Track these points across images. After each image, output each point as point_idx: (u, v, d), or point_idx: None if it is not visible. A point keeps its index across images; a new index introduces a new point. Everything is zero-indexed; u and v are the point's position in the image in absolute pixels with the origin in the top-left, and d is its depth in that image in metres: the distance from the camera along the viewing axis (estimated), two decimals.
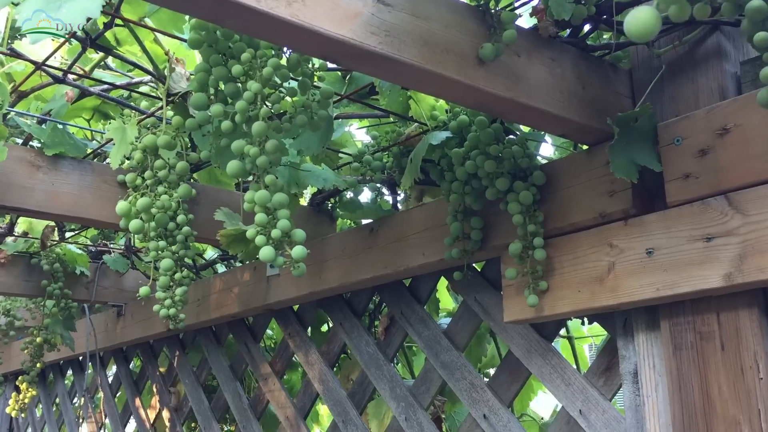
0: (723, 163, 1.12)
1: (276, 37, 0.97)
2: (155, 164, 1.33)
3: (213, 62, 1.16)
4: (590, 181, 1.31)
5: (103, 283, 2.78)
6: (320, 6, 0.95)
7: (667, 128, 1.21)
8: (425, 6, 1.07)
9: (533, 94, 1.17)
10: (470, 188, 1.44)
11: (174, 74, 1.43)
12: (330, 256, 1.89)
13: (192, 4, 0.87)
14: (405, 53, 1.02)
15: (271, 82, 1.13)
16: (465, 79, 1.09)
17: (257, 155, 1.10)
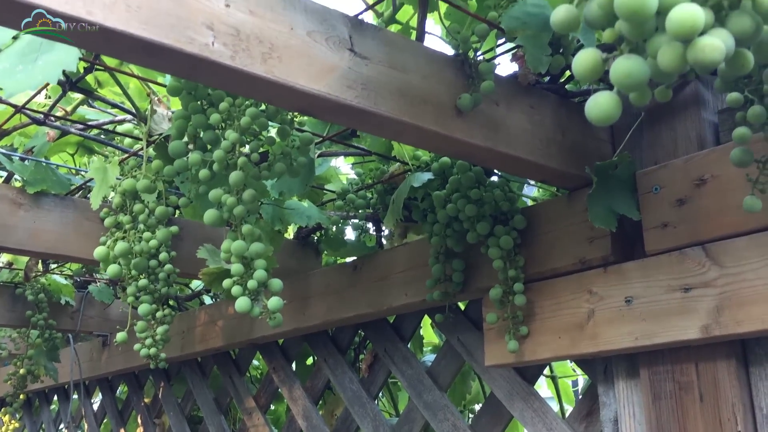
0: (701, 214, 1.13)
1: (252, 92, 0.97)
2: (134, 208, 1.32)
3: (192, 110, 1.16)
4: (570, 226, 1.31)
5: (88, 313, 2.76)
6: (296, 61, 0.95)
7: (646, 176, 1.21)
8: (403, 58, 1.07)
9: (512, 143, 1.18)
10: (451, 231, 1.44)
11: (156, 116, 1.43)
12: (314, 292, 1.88)
13: (166, 62, 0.87)
14: (382, 106, 1.03)
15: (249, 131, 1.13)
16: (443, 130, 1.09)
17: (234, 205, 1.10)
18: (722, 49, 0.48)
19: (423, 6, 1.11)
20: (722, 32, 0.50)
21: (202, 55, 0.86)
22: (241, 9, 0.92)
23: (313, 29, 0.98)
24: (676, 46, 0.49)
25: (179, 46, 0.84)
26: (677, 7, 0.48)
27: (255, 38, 0.92)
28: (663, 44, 0.50)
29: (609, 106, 0.53)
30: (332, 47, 1.00)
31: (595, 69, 0.55)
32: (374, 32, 1.05)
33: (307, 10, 0.99)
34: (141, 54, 0.85)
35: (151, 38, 0.83)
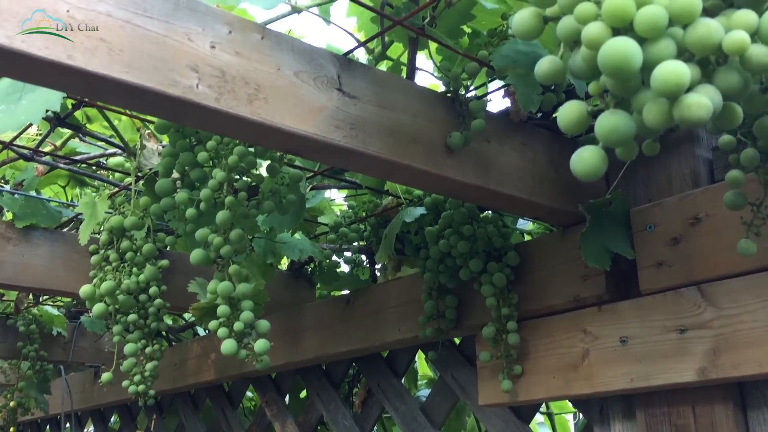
0: (695, 253, 1.11)
1: (237, 134, 0.96)
2: (121, 245, 1.31)
3: (179, 147, 1.15)
4: (564, 263, 1.29)
5: (80, 344, 2.73)
6: (283, 102, 0.94)
7: (640, 214, 1.20)
8: (392, 96, 1.06)
9: (504, 181, 1.16)
10: (444, 266, 1.41)
11: (145, 150, 1.42)
12: (307, 326, 1.86)
13: (150, 105, 0.86)
14: (371, 146, 1.01)
15: (237, 169, 1.11)
16: (433, 168, 1.07)
17: (221, 245, 1.08)
18: (709, 107, 0.47)
19: (413, 44, 1.10)
20: (709, 88, 0.48)
21: (185, 97, 0.85)
22: (227, 50, 0.91)
23: (300, 69, 0.97)
24: (662, 103, 0.48)
25: (162, 89, 0.83)
26: (662, 65, 0.47)
27: (241, 79, 0.91)
28: (648, 101, 0.49)
29: (594, 162, 0.52)
30: (320, 87, 0.98)
31: (580, 122, 0.54)
32: (363, 71, 1.04)
33: (295, 50, 0.98)
34: (124, 97, 0.84)
35: (134, 81, 0.81)
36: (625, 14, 0.48)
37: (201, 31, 0.89)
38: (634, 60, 0.47)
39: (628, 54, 0.47)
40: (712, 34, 0.47)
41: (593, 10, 0.50)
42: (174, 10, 0.87)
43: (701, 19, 0.48)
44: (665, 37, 0.48)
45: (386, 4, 1.04)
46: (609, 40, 0.48)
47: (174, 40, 0.86)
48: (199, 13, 0.90)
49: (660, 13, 0.47)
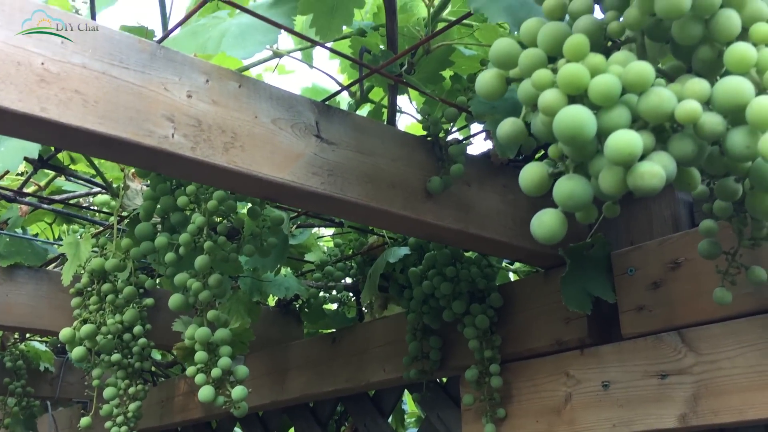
0: (676, 298, 1.11)
1: (213, 182, 0.96)
2: (102, 288, 1.30)
3: (160, 191, 1.15)
4: (547, 305, 1.29)
5: (68, 379, 2.70)
6: (259, 150, 0.94)
7: (621, 257, 1.19)
8: (371, 142, 1.06)
9: (484, 224, 1.16)
10: (428, 307, 1.41)
11: (129, 191, 1.42)
12: (293, 364, 1.85)
13: (124, 155, 0.86)
14: (348, 192, 1.01)
15: (218, 213, 1.11)
16: (412, 213, 1.08)
17: (200, 290, 1.08)
18: (662, 176, 0.47)
19: (392, 89, 1.11)
20: (663, 156, 0.48)
21: (160, 147, 0.85)
22: (204, 99, 0.91)
23: (278, 116, 0.98)
24: (617, 171, 0.48)
25: (137, 139, 0.84)
26: (615, 135, 0.47)
27: (217, 128, 0.91)
28: (604, 168, 0.49)
29: (553, 226, 0.52)
30: (298, 134, 0.99)
31: (540, 186, 0.54)
32: (342, 117, 1.05)
33: (273, 97, 0.98)
34: (98, 148, 0.84)
35: (108, 132, 0.82)
36: (580, 82, 0.49)
37: (178, 80, 0.89)
38: (588, 129, 0.48)
39: (581, 123, 0.47)
40: (664, 104, 0.48)
41: (549, 77, 0.51)
42: (150, 60, 0.88)
43: (654, 88, 0.48)
44: (619, 105, 0.49)
45: (365, 51, 1.05)
46: (563, 108, 0.49)
47: (150, 90, 0.87)
48: (176, 62, 0.90)
49: (613, 83, 0.48)
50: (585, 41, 0.50)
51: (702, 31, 0.50)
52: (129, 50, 0.86)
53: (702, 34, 0.50)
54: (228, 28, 0.99)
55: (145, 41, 0.89)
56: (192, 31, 1.03)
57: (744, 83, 0.47)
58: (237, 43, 0.95)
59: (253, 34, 0.96)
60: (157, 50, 0.89)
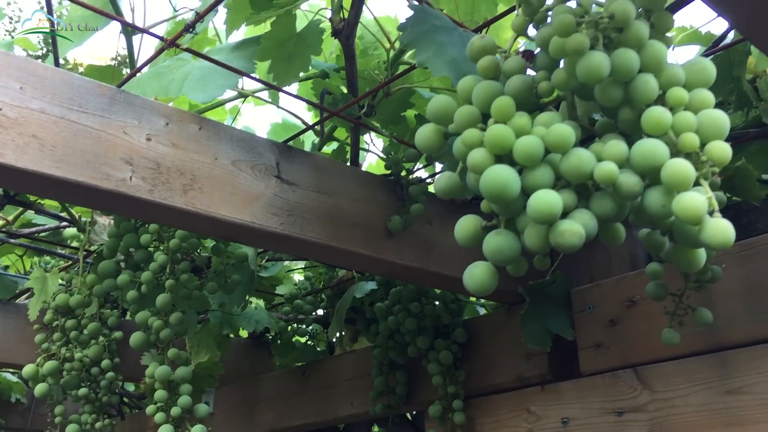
0: (631, 336, 1.12)
1: (172, 223, 0.98)
2: (66, 324, 1.30)
3: (123, 229, 1.16)
4: (510, 341, 1.30)
5: (39, 410, 2.67)
6: (219, 191, 0.96)
7: (580, 294, 1.21)
8: (332, 182, 1.08)
9: (445, 262, 1.18)
10: (394, 342, 1.42)
11: (96, 226, 1.42)
12: (263, 397, 1.84)
13: (81, 198, 0.87)
14: (308, 232, 1.03)
15: (180, 251, 1.12)
16: (373, 252, 1.09)
17: (161, 328, 1.08)
18: (581, 235, 0.49)
19: (354, 130, 1.13)
20: (584, 214, 0.50)
21: (117, 190, 0.86)
22: (163, 142, 0.93)
23: (238, 158, 0.99)
24: (540, 228, 0.50)
25: (94, 183, 0.85)
26: (536, 195, 0.49)
27: (176, 170, 0.93)
28: (528, 225, 0.51)
29: (483, 279, 0.54)
30: (258, 175, 1.00)
31: (473, 238, 0.56)
32: (303, 158, 1.07)
33: (233, 139, 1.00)
34: (55, 191, 0.86)
35: (65, 177, 0.83)
36: (505, 143, 0.51)
37: (137, 124, 0.91)
38: (511, 189, 0.50)
39: (505, 183, 0.49)
40: (583, 165, 0.50)
41: (478, 137, 0.53)
42: (110, 104, 0.89)
43: (575, 150, 0.51)
44: (543, 164, 0.51)
45: (326, 93, 1.07)
46: (489, 168, 0.51)
47: (109, 133, 0.88)
48: (136, 106, 0.92)
49: (536, 144, 0.50)
50: (511, 103, 0.53)
51: (622, 94, 0.52)
52: (88, 95, 0.88)
53: (622, 96, 0.52)
54: (191, 71, 1.01)
55: (105, 86, 0.90)
56: (156, 73, 1.05)
57: (659, 146, 0.49)
58: (198, 87, 0.96)
59: (215, 78, 0.98)
60: (117, 94, 0.91)
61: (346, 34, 0.95)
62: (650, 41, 0.52)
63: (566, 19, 0.51)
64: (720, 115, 0.51)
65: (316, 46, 0.93)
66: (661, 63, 0.52)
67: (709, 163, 0.50)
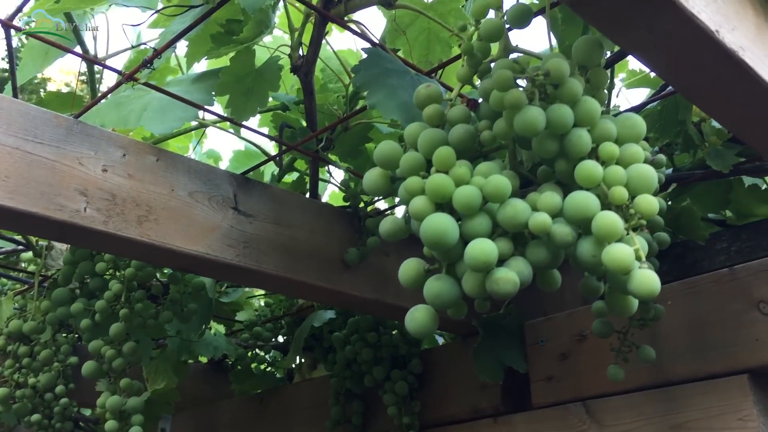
0: (582, 369, 1.15)
1: (127, 254, 0.98)
2: (19, 351, 1.29)
3: (79, 256, 1.16)
4: (464, 373, 1.32)
5: None
6: (174, 223, 0.96)
7: (533, 328, 1.24)
8: (290, 213, 1.09)
9: (402, 294, 1.19)
10: (351, 372, 1.43)
11: (53, 252, 1.41)
12: (221, 423, 1.83)
13: (35, 228, 0.87)
14: (264, 264, 1.03)
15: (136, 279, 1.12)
16: (329, 284, 1.10)
17: (114, 357, 1.08)
18: (515, 282, 0.51)
19: (313, 163, 1.15)
20: (520, 262, 0.52)
21: (71, 221, 0.87)
22: (119, 173, 0.93)
23: (195, 189, 1.00)
24: (477, 276, 0.52)
25: (47, 213, 0.85)
26: (473, 244, 0.51)
27: (132, 201, 0.93)
28: (466, 271, 0.53)
29: (424, 321, 0.55)
30: (215, 207, 1.01)
31: (417, 280, 0.57)
32: (261, 189, 1.08)
33: (191, 170, 1.01)
34: (8, 221, 0.85)
35: (18, 207, 0.83)
36: (445, 192, 0.53)
37: (93, 155, 0.91)
38: (449, 236, 0.51)
39: (444, 231, 0.51)
40: (518, 215, 0.52)
41: (420, 185, 0.55)
42: (66, 135, 0.90)
43: (511, 200, 0.53)
44: (481, 213, 0.53)
45: (285, 126, 1.09)
46: (429, 216, 0.52)
47: (64, 164, 0.88)
48: (93, 137, 0.92)
49: (474, 194, 0.52)
50: (452, 153, 0.55)
51: (557, 146, 0.54)
52: (44, 125, 0.88)
53: (558, 149, 0.55)
54: (150, 102, 1.02)
55: (62, 117, 0.91)
56: (116, 102, 1.05)
57: (590, 198, 0.52)
58: (156, 118, 0.97)
59: (173, 110, 0.98)
60: (74, 125, 0.91)
61: (304, 70, 0.97)
62: (584, 97, 0.54)
63: (505, 75, 0.53)
64: (648, 170, 0.53)
65: (274, 83, 0.94)
66: (594, 118, 0.54)
67: (638, 215, 0.52)
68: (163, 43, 0.87)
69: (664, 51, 0.58)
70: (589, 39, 0.56)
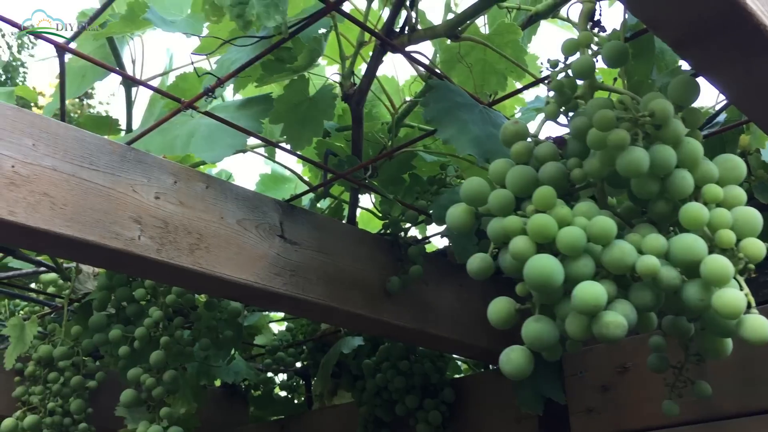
0: (624, 402, 1.14)
1: (178, 282, 0.97)
2: (49, 377, 1.26)
3: (116, 282, 1.14)
4: (499, 403, 1.30)
5: None
6: (224, 251, 0.95)
7: (573, 358, 1.23)
8: (333, 241, 1.08)
9: (440, 323, 1.18)
10: (380, 400, 1.41)
11: (81, 275, 1.40)
12: None
13: (91, 257, 0.86)
14: (310, 292, 1.02)
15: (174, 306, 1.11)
16: (371, 313, 1.09)
17: (153, 386, 1.06)
18: (624, 327, 0.50)
19: (355, 190, 1.14)
20: (625, 305, 0.52)
21: (126, 249, 0.85)
22: (171, 200, 0.92)
23: (243, 217, 0.99)
24: (582, 318, 0.51)
25: (103, 242, 0.84)
26: (582, 286, 0.50)
27: (183, 229, 0.92)
28: (570, 314, 0.52)
29: (521, 363, 0.54)
30: (262, 235, 1.00)
31: (508, 320, 0.57)
32: (305, 217, 1.07)
33: (239, 198, 1.00)
34: (65, 250, 0.84)
35: (75, 235, 0.82)
36: (548, 233, 0.52)
37: (146, 182, 0.90)
38: (556, 279, 0.51)
39: (550, 273, 0.51)
40: (626, 258, 0.51)
41: (520, 225, 0.54)
42: (120, 162, 0.89)
43: (617, 242, 0.52)
44: (584, 255, 0.52)
45: (330, 153, 1.08)
46: (534, 257, 0.52)
47: (119, 191, 0.87)
48: (146, 164, 0.91)
49: (578, 235, 0.51)
50: (553, 194, 0.54)
51: (659, 187, 0.54)
52: (99, 152, 0.87)
53: (658, 190, 0.54)
54: (197, 127, 1.01)
55: (116, 143, 0.90)
56: (160, 128, 1.05)
57: (698, 242, 0.51)
58: (206, 146, 0.96)
59: (222, 137, 0.98)
60: (128, 152, 0.90)
61: (356, 99, 0.96)
62: (686, 138, 0.54)
63: (607, 115, 0.53)
64: (754, 213, 0.53)
65: (328, 111, 0.94)
66: (697, 160, 0.54)
67: (746, 259, 0.52)
68: (222, 71, 0.86)
69: (754, 88, 0.58)
70: (687, 79, 0.56)
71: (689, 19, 0.49)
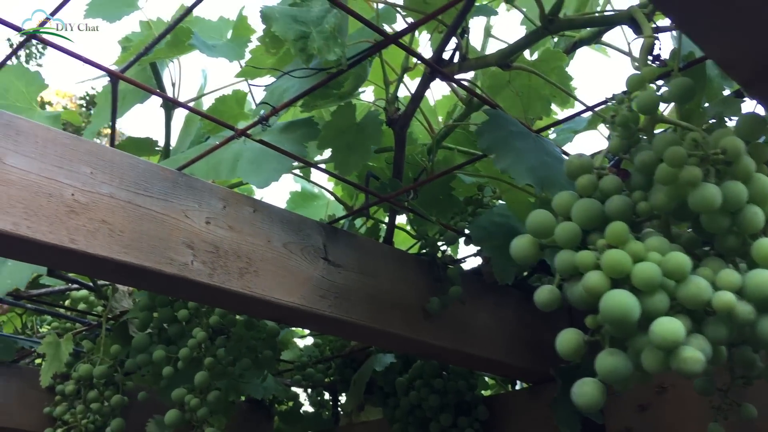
0: (662, 422, 1.14)
1: (228, 306, 0.98)
2: (89, 395, 1.28)
3: (159, 302, 1.15)
4: (533, 421, 1.31)
5: None
6: (272, 274, 0.96)
7: None
8: (373, 263, 1.09)
9: (477, 342, 1.19)
10: (413, 417, 1.42)
11: (117, 294, 1.41)
12: None
13: (147, 282, 0.88)
14: (353, 314, 1.04)
15: (215, 326, 1.12)
16: (411, 334, 1.10)
17: (198, 407, 1.07)
18: (702, 362, 0.51)
19: (394, 212, 1.15)
20: (701, 340, 0.53)
21: (181, 275, 0.87)
22: (221, 225, 0.93)
23: (289, 240, 1.00)
24: (660, 353, 0.52)
25: (159, 267, 0.85)
26: (660, 322, 0.51)
27: (233, 254, 0.93)
28: (646, 348, 0.53)
29: (594, 396, 0.55)
30: (307, 257, 1.01)
31: (577, 351, 0.58)
32: (347, 239, 1.08)
33: (284, 221, 1.01)
34: (123, 277, 0.86)
35: (132, 262, 0.83)
36: (623, 269, 0.53)
37: (197, 207, 0.92)
38: (634, 314, 0.52)
39: (628, 309, 0.52)
40: (702, 293, 0.52)
41: (593, 259, 0.55)
42: (173, 187, 0.90)
43: (692, 277, 0.53)
44: (660, 290, 0.53)
45: (371, 176, 1.09)
46: (610, 292, 0.53)
47: (171, 217, 0.89)
48: (196, 189, 0.93)
49: (655, 271, 0.53)
50: (626, 229, 0.55)
51: (729, 222, 0.55)
52: (153, 178, 0.89)
53: (729, 225, 0.55)
54: (241, 152, 1.02)
55: (167, 169, 0.91)
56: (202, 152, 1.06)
57: None
58: (253, 170, 0.97)
59: (269, 161, 0.99)
60: (179, 178, 0.92)
61: (401, 123, 0.98)
62: (757, 174, 0.55)
63: (679, 152, 0.54)
64: None
65: (376, 137, 0.95)
66: (767, 195, 0.55)
67: None
68: (273, 98, 0.88)
69: None
70: (755, 116, 0.57)
71: (764, 61, 0.50)
